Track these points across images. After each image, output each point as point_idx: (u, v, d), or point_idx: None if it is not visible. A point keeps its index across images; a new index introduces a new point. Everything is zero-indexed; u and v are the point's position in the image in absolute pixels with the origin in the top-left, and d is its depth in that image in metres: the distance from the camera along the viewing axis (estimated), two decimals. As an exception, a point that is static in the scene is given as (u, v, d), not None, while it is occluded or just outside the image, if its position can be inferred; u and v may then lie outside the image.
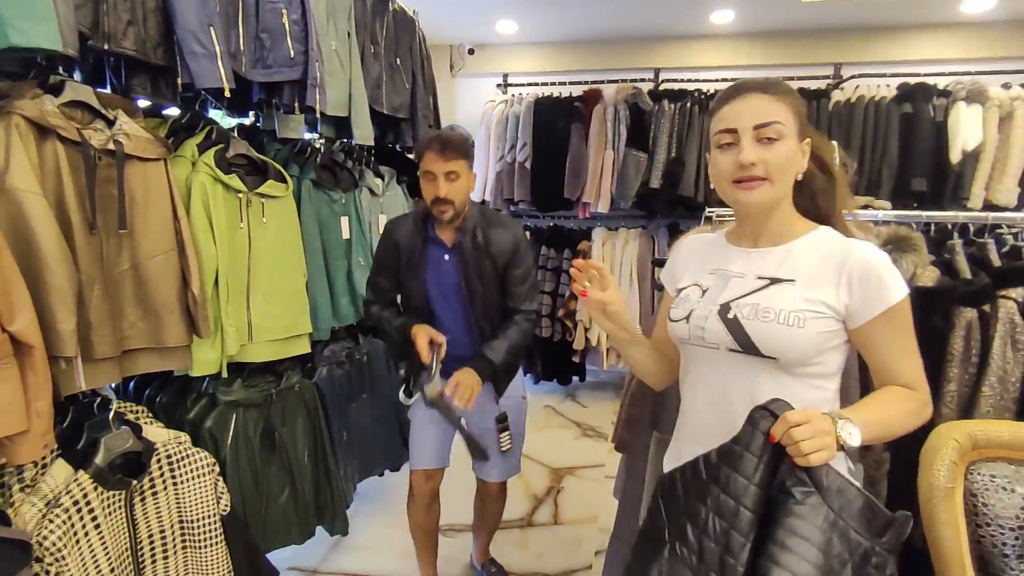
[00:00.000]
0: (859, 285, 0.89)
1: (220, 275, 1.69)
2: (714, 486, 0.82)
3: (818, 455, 0.76)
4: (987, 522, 0.93)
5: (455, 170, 1.60)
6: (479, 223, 1.71)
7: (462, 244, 1.68)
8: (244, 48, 1.72)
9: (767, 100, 0.91)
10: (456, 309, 1.74)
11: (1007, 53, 3.65)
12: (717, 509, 0.81)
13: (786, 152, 0.91)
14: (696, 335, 0.98)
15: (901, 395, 0.90)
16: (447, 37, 4.21)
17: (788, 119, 0.91)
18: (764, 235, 0.99)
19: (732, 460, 0.81)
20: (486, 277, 1.70)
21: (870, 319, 0.89)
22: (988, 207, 3.24)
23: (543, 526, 2.54)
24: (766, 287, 0.94)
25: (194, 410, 1.76)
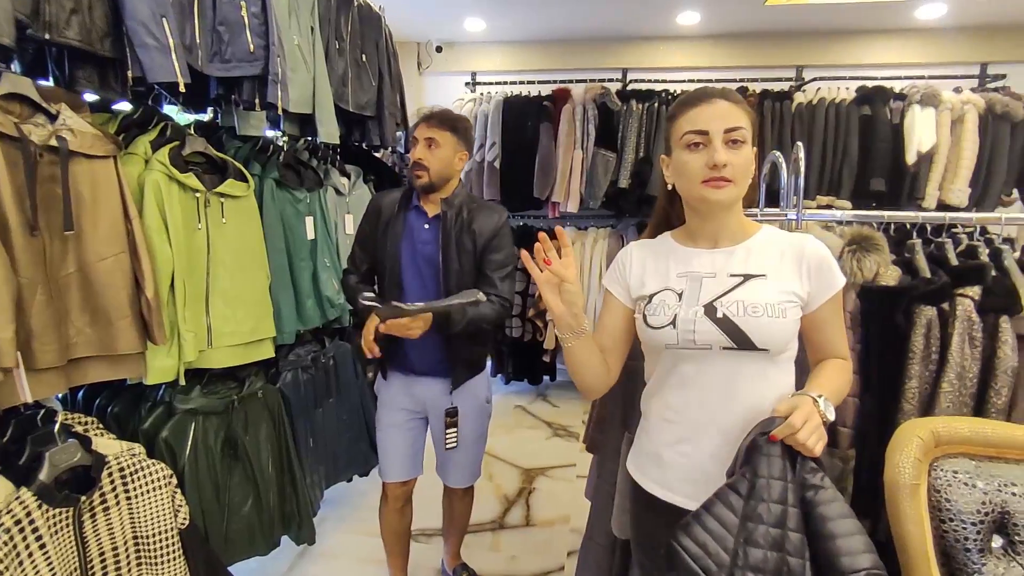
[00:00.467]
0: (816, 274, 0.99)
1: (176, 278, 1.62)
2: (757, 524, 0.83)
3: (820, 444, 0.86)
4: (950, 517, 0.95)
5: (434, 137, 1.64)
6: (466, 202, 1.72)
7: (446, 215, 1.68)
8: (200, 41, 1.65)
9: (732, 107, 0.97)
10: (427, 281, 1.70)
11: (957, 59, 3.79)
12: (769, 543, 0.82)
13: (748, 156, 0.97)
14: (686, 338, 0.98)
15: (840, 366, 1.02)
16: (414, 34, 4.16)
17: (748, 126, 0.97)
18: (723, 235, 1.03)
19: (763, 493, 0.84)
20: (464, 253, 1.68)
21: (822, 303, 0.99)
22: (941, 207, 3.36)
23: (515, 528, 2.52)
24: (742, 283, 0.99)
25: (149, 420, 1.69)
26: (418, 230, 1.71)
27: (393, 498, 1.86)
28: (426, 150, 1.65)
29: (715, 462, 0.98)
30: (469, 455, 1.88)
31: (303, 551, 2.25)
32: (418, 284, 1.71)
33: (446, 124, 1.67)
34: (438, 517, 2.09)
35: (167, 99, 1.84)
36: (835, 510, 0.83)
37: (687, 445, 1.02)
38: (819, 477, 0.86)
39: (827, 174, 3.45)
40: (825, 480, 0.86)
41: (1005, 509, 0.94)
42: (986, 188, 3.36)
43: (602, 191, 3.68)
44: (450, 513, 2.05)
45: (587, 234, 3.91)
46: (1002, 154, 3.32)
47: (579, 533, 2.43)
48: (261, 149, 2.11)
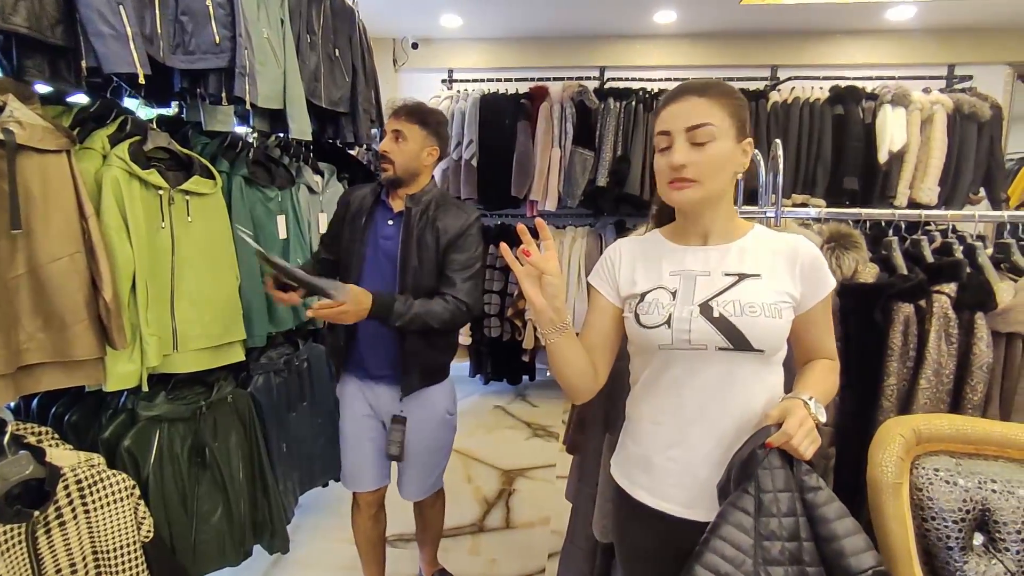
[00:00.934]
0: (809, 275, 0.98)
1: (138, 279, 1.54)
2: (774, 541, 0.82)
3: (813, 448, 0.86)
4: (932, 515, 0.94)
5: (402, 130, 1.61)
6: (435, 199, 1.67)
7: (410, 211, 1.64)
8: (162, 31, 1.57)
9: (702, 103, 0.93)
10: (386, 277, 1.64)
11: (925, 60, 3.86)
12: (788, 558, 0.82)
13: (717, 153, 0.93)
14: (681, 338, 0.95)
15: (828, 366, 1.03)
16: (390, 30, 4.09)
17: (723, 120, 0.93)
18: (713, 233, 1.01)
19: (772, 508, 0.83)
20: (425, 251, 1.62)
21: (814, 304, 0.99)
22: (912, 205, 3.42)
23: (495, 531, 2.48)
24: (737, 283, 0.96)
25: (110, 428, 1.61)
26: (382, 225, 1.67)
27: (365, 505, 1.81)
28: (392, 143, 1.62)
29: (707, 466, 0.96)
30: (422, 468, 1.78)
31: (276, 560, 2.19)
32: (378, 280, 1.63)
33: (414, 117, 1.63)
34: (413, 522, 2.05)
35: (127, 92, 1.76)
36: (834, 511, 0.84)
37: (678, 449, 0.99)
38: (814, 478, 0.85)
39: (802, 173, 3.49)
40: (820, 480, 0.86)
41: (986, 506, 0.93)
42: (955, 187, 3.43)
43: (580, 190, 3.67)
44: (421, 522, 2.00)
45: (565, 233, 3.89)
46: (969, 153, 3.39)
47: (560, 535, 2.41)
48: (230, 145, 2.03)
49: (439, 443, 1.80)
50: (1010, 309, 1.26)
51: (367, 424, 1.76)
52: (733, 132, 0.94)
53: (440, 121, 1.70)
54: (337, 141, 2.70)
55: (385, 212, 1.68)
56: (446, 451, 1.85)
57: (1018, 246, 1.42)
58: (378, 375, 1.70)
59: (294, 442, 2.23)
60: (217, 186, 1.82)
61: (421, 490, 1.83)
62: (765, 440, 0.85)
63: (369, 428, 1.77)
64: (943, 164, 3.37)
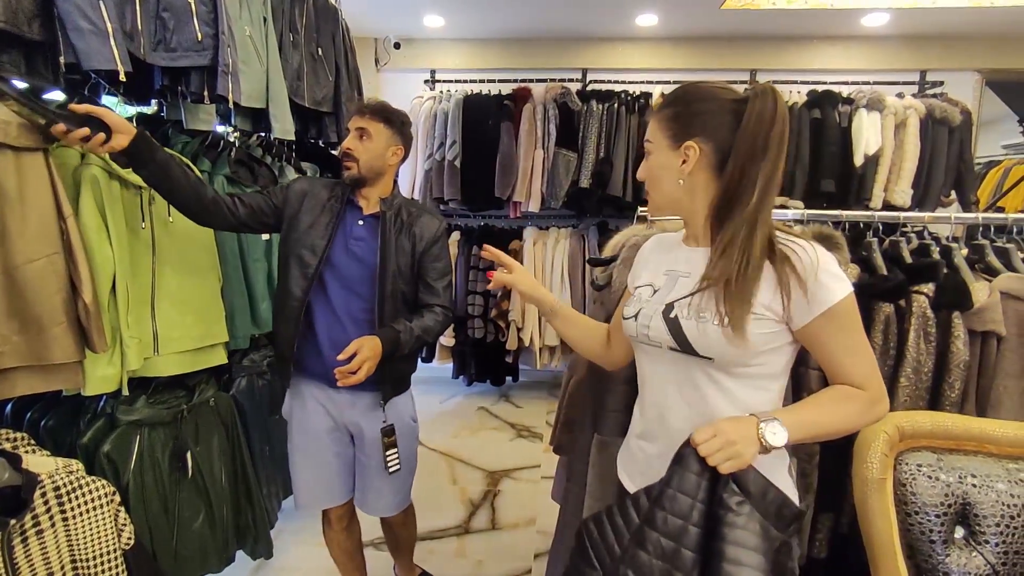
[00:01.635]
0: (797, 287, 0.88)
1: (119, 280, 1.51)
2: (651, 530, 0.83)
3: (729, 464, 0.81)
4: (915, 510, 0.97)
5: (366, 128, 1.57)
6: (405, 204, 1.65)
7: (385, 214, 1.59)
8: (143, 28, 1.54)
9: (651, 119, 1.00)
10: (353, 280, 1.57)
11: (898, 65, 3.96)
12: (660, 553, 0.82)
13: (650, 167, 1.00)
14: (643, 333, 0.99)
15: (842, 393, 0.90)
16: (372, 30, 4.06)
17: (656, 135, 0.98)
18: (699, 237, 1.01)
19: (666, 503, 0.83)
20: (402, 254, 1.58)
21: (811, 319, 0.88)
22: (886, 207, 3.50)
23: (481, 532, 2.48)
24: (708, 287, 0.94)
25: (88, 433, 1.57)
26: (351, 225, 1.60)
27: (337, 519, 1.75)
28: (356, 140, 1.58)
29: (662, 463, 0.95)
30: (394, 480, 1.69)
31: (260, 565, 2.16)
32: (343, 288, 1.58)
33: (379, 115, 1.59)
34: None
35: (105, 89, 1.72)
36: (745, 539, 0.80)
37: (644, 440, 1.05)
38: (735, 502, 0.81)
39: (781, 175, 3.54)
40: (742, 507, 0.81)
41: (966, 500, 0.96)
42: (927, 189, 3.52)
43: (563, 191, 3.68)
44: (392, 538, 1.94)
45: (549, 234, 3.90)
46: (941, 157, 3.49)
47: (545, 535, 2.42)
48: (211, 145, 2.00)
49: (408, 453, 1.73)
50: (985, 308, 1.30)
51: (333, 438, 1.68)
52: (666, 142, 0.97)
53: (404, 121, 1.67)
54: (320, 141, 2.67)
55: (354, 212, 1.62)
56: (413, 461, 1.79)
57: (992, 247, 1.46)
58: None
59: (277, 446, 2.20)
60: (199, 186, 1.79)
61: (392, 505, 1.74)
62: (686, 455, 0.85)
63: (334, 442, 1.68)
64: (916, 167, 3.45)
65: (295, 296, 1.56)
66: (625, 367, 1.49)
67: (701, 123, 0.93)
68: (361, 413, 1.64)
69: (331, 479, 1.69)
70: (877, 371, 0.92)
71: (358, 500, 1.74)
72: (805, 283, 0.87)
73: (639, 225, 1.88)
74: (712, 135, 0.93)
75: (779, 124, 0.90)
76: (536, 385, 4.34)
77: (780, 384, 0.96)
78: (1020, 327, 1.29)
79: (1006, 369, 1.28)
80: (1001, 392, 1.28)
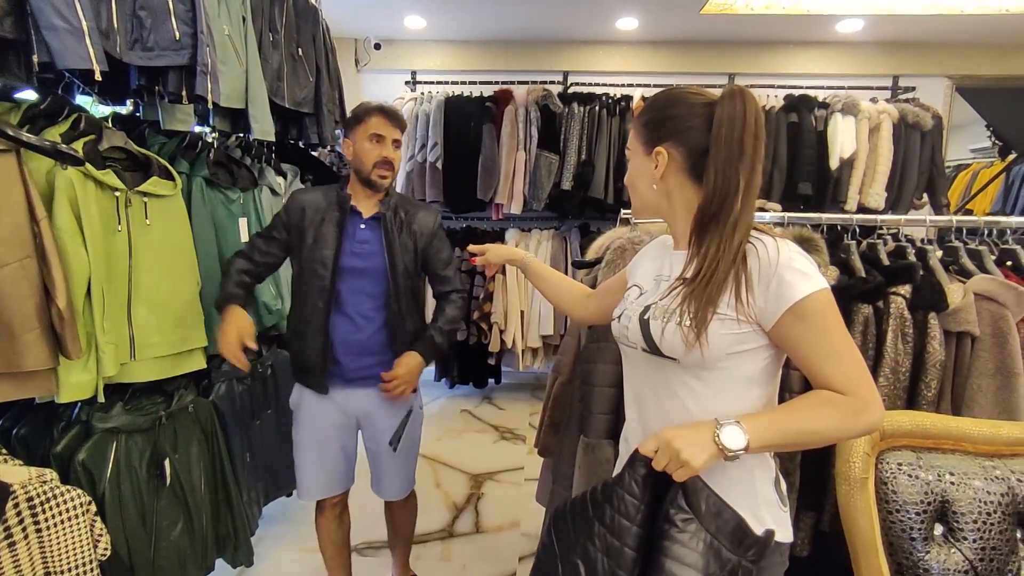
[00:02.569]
0: (760, 286, 0.85)
1: (94, 285, 1.47)
2: (600, 525, 0.86)
3: (680, 471, 0.80)
4: (896, 508, 0.99)
5: (399, 139, 1.68)
6: (400, 202, 1.73)
7: (385, 216, 1.67)
8: (119, 26, 1.51)
9: (631, 126, 1.04)
10: (368, 286, 1.65)
11: (872, 71, 4.05)
12: (604, 548, 0.84)
13: (630, 172, 1.03)
14: (623, 333, 1.01)
15: (820, 399, 0.84)
16: (352, 30, 4.03)
17: (633, 141, 1.01)
18: (682, 240, 1.00)
19: (615, 501, 0.85)
20: (406, 252, 1.69)
21: (777, 319, 0.84)
22: (861, 209, 3.58)
23: (465, 536, 2.47)
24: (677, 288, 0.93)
25: (63, 441, 1.53)
26: (354, 230, 1.67)
27: (330, 507, 1.81)
28: (395, 151, 1.67)
29: None
30: (403, 463, 1.81)
31: (240, 573, 2.12)
32: (355, 291, 1.65)
33: (403, 125, 1.70)
34: (383, 529, 2.02)
35: (80, 88, 1.68)
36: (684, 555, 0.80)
37: (625, 444, 1.07)
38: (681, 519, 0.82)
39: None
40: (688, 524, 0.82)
41: (945, 498, 0.98)
42: (900, 192, 3.61)
43: (545, 193, 3.69)
44: (393, 524, 1.99)
45: (531, 236, 3.91)
46: (914, 160, 3.57)
47: (530, 537, 2.42)
48: (189, 145, 1.96)
49: (414, 439, 1.84)
50: (960, 310, 1.34)
51: (340, 431, 1.75)
52: (640, 149, 0.99)
53: None
54: (300, 142, 2.64)
55: (355, 218, 1.67)
56: (417, 447, 1.88)
57: (965, 250, 1.50)
58: (355, 378, 1.69)
59: (259, 451, 2.17)
60: (177, 188, 1.76)
61: (402, 487, 1.84)
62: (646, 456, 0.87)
63: (340, 435, 1.75)
64: (890, 170, 3.53)
65: (318, 309, 1.63)
66: (610, 371, 1.50)
67: (671, 128, 0.93)
68: (376, 404, 1.72)
69: (334, 470, 1.77)
70: (866, 377, 0.84)
71: (374, 486, 1.84)
72: (768, 280, 0.84)
73: (622, 228, 1.89)
74: (683, 140, 0.92)
75: (751, 125, 0.87)
76: (519, 387, 4.34)
77: (764, 391, 0.91)
78: (994, 327, 1.32)
79: (980, 368, 1.31)
80: (975, 391, 1.31)
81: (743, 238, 0.88)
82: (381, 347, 1.68)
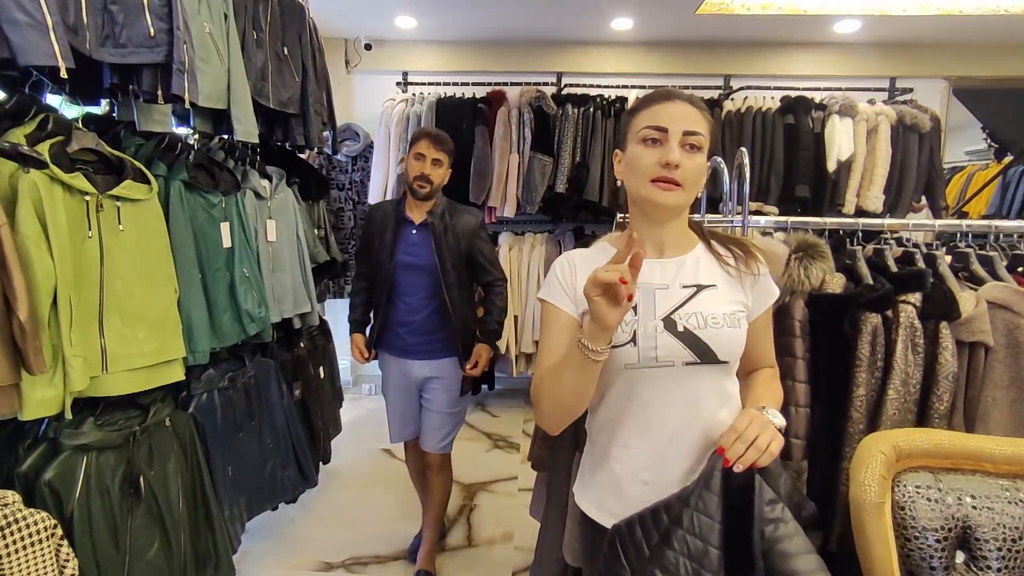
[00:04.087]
0: (757, 283, 1.00)
1: (60, 295, 1.38)
2: (679, 529, 0.83)
3: (775, 443, 0.83)
4: (915, 535, 0.92)
5: (440, 159, 2.03)
6: (446, 208, 2.08)
7: (432, 221, 2.03)
8: (88, 22, 1.43)
9: (696, 113, 0.95)
10: (421, 279, 2.04)
11: (870, 72, 4.01)
12: (687, 552, 0.82)
13: (702, 164, 0.95)
14: (648, 355, 0.91)
15: (771, 375, 1.05)
16: (342, 30, 3.95)
17: (707, 134, 0.95)
18: (668, 245, 0.99)
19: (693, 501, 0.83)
20: (452, 250, 2.04)
21: (760, 313, 1.01)
22: (859, 212, 3.53)
23: (457, 550, 2.39)
24: (696, 294, 0.94)
25: (28, 460, 1.44)
26: (407, 235, 2.06)
27: (411, 446, 2.29)
28: (433, 168, 2.02)
29: (682, 485, 0.91)
30: (444, 423, 2.15)
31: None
32: (411, 285, 2.05)
33: (447, 147, 2.05)
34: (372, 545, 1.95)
35: (49, 87, 1.59)
36: (797, 546, 0.81)
37: (651, 472, 0.95)
38: (779, 509, 0.83)
39: (755, 181, 3.55)
40: (785, 512, 0.83)
41: (967, 523, 0.92)
42: (898, 195, 3.56)
43: (539, 196, 3.62)
44: (428, 484, 2.23)
45: (524, 239, 3.84)
46: (911, 163, 3.53)
47: (523, 551, 2.34)
48: (168, 147, 1.88)
49: (459, 404, 2.18)
50: (973, 319, 1.27)
51: (406, 392, 2.18)
52: (708, 148, 0.96)
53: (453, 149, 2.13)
54: (287, 144, 2.56)
55: (407, 225, 2.06)
56: (462, 414, 2.22)
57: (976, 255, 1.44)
58: (412, 352, 2.10)
59: (241, 465, 2.08)
60: (153, 191, 1.68)
61: (439, 444, 2.16)
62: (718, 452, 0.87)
63: (408, 395, 2.18)
64: (888, 173, 3.49)
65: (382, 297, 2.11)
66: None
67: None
68: (430, 371, 2.12)
69: (405, 420, 2.22)
70: None
71: (421, 440, 2.20)
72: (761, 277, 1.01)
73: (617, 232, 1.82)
74: None
75: None
76: (512, 393, 4.27)
77: None
78: (1008, 337, 1.26)
79: (994, 380, 1.25)
80: (990, 404, 1.25)
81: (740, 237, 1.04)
82: (433, 328, 2.06)
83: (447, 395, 2.13)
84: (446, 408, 2.14)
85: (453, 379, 2.13)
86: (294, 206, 2.48)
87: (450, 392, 2.13)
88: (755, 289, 0.99)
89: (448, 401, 2.14)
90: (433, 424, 2.16)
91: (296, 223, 2.48)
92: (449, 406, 2.14)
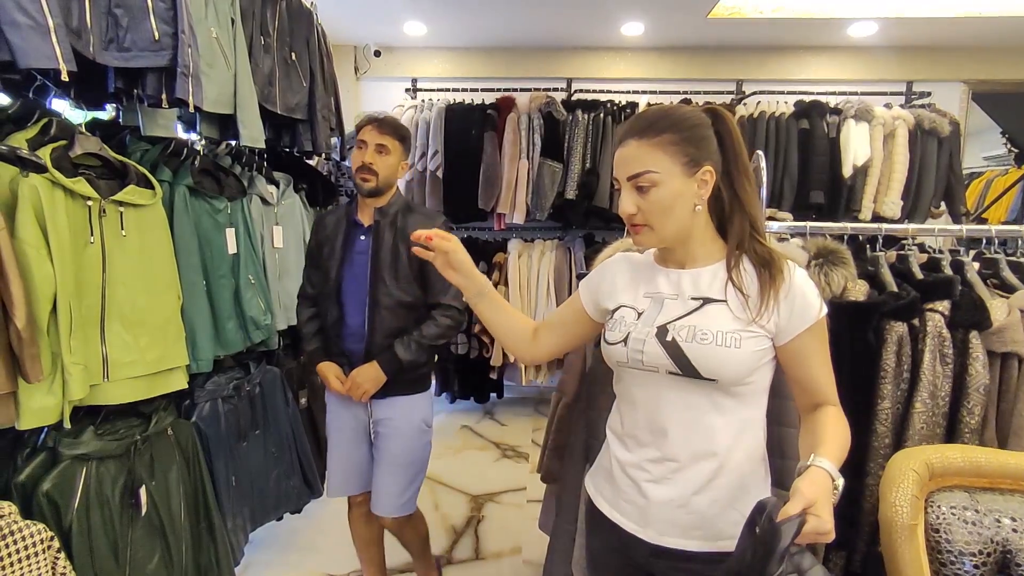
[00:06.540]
0: (785, 302, 0.91)
1: (60, 301, 1.36)
2: None
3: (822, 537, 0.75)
4: (951, 559, 0.86)
5: (385, 144, 1.67)
6: (402, 209, 1.72)
7: (379, 224, 1.68)
8: (92, 25, 1.41)
9: (643, 148, 0.91)
10: (362, 294, 1.68)
11: (886, 76, 3.94)
12: None
13: (661, 199, 0.91)
14: (635, 358, 0.96)
15: (837, 417, 0.91)
16: (351, 37, 3.95)
17: (664, 163, 0.90)
18: (689, 259, 0.99)
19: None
20: (398, 262, 1.67)
21: (797, 334, 0.91)
22: (876, 219, 3.45)
23: (464, 563, 2.34)
24: (700, 308, 0.94)
25: (26, 470, 1.41)
26: (355, 242, 1.71)
27: (356, 505, 1.86)
28: (377, 155, 1.66)
29: (660, 489, 0.95)
30: (397, 480, 1.75)
31: (224, 606, 1.99)
32: (354, 299, 1.69)
33: (396, 132, 1.69)
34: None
35: (54, 92, 1.58)
36: None
37: (634, 469, 0.99)
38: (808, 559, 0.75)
39: (769, 186, 3.48)
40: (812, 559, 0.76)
41: (1007, 547, 0.86)
42: (916, 201, 3.48)
43: (549, 202, 3.58)
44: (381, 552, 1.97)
45: (534, 246, 3.80)
46: (930, 168, 3.45)
47: (532, 565, 2.28)
48: (173, 153, 1.86)
49: (413, 455, 1.77)
50: (1005, 328, 1.21)
51: (355, 434, 1.79)
52: (679, 170, 0.91)
53: (410, 136, 1.79)
54: (294, 150, 2.54)
55: (357, 229, 1.72)
56: (419, 466, 1.80)
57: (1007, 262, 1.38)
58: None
59: (245, 474, 2.05)
60: (157, 197, 1.66)
61: (393, 506, 1.76)
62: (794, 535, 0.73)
63: (356, 437, 1.79)
64: (905, 178, 3.41)
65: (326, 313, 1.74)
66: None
67: (707, 145, 0.93)
68: (379, 412, 1.74)
69: (349, 470, 1.81)
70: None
71: (373, 500, 1.78)
72: (793, 297, 0.90)
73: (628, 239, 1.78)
74: (715, 157, 0.94)
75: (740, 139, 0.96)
76: (521, 401, 4.21)
77: (765, 399, 0.97)
78: (1043, 348, 1.20)
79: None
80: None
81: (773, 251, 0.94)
82: (363, 352, 1.69)
83: (400, 441, 1.73)
84: (400, 458, 1.73)
85: (407, 421, 1.74)
86: (301, 212, 2.46)
87: (404, 437, 1.73)
88: (782, 310, 0.90)
89: (402, 448, 1.73)
90: (384, 481, 1.74)
91: (303, 229, 2.46)
92: (403, 455, 1.73)
